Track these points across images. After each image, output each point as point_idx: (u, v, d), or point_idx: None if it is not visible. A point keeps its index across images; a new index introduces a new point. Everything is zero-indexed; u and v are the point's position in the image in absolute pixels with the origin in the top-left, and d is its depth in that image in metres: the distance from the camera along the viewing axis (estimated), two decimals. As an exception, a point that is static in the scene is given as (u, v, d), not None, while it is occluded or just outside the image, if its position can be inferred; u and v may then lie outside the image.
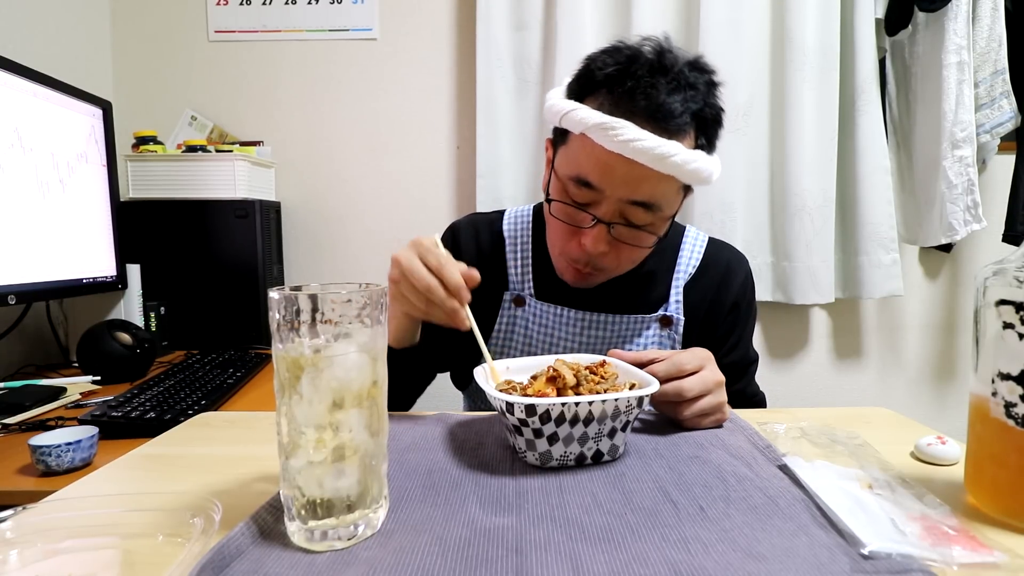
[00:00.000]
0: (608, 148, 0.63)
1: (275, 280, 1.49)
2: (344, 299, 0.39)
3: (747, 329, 0.87)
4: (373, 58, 1.61)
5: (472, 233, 0.88)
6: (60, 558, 0.37)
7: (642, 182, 0.65)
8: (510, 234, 0.86)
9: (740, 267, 0.86)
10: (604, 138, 0.63)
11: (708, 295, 0.83)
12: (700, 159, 0.64)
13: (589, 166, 0.66)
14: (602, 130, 0.62)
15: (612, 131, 0.62)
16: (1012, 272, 0.41)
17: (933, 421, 1.63)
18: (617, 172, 0.65)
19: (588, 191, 0.68)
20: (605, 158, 0.64)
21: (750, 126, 1.54)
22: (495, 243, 0.86)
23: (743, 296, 0.85)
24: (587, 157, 0.66)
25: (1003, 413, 0.41)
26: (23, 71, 1.03)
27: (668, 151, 0.62)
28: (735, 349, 0.84)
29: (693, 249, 0.84)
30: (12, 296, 0.99)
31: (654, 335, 0.81)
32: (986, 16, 1.45)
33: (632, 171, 0.64)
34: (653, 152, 0.61)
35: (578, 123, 0.65)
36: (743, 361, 0.85)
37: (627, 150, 0.62)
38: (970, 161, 1.45)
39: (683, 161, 0.63)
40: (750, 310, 0.87)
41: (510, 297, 0.83)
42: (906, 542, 0.38)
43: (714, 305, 0.83)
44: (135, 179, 1.38)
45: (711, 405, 0.61)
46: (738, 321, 0.85)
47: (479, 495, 0.46)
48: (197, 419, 0.68)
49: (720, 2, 1.47)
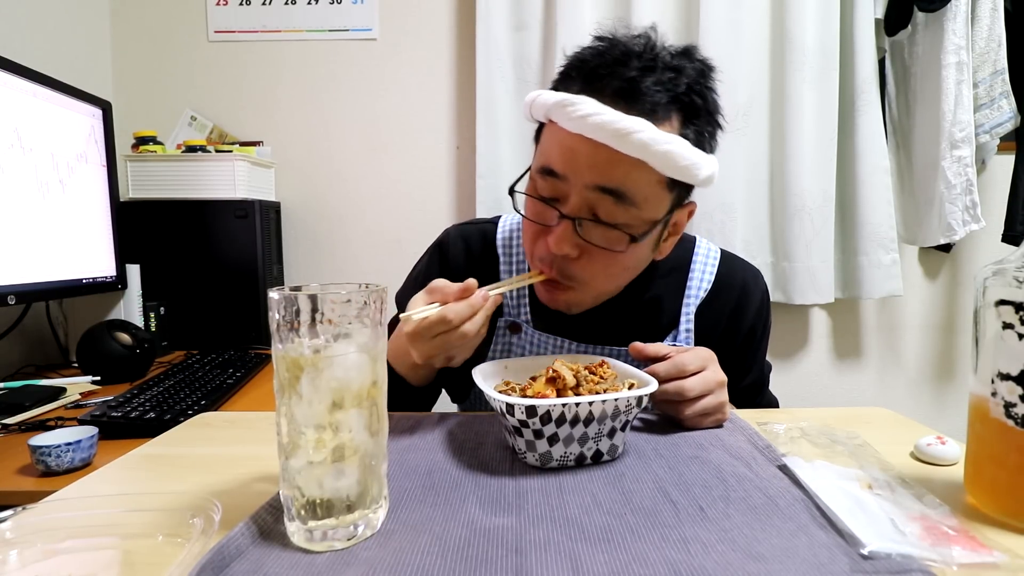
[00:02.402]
0: (569, 128, 0.57)
1: (275, 280, 1.49)
2: (344, 299, 0.39)
3: (762, 349, 0.82)
4: (373, 58, 1.62)
5: (462, 247, 0.80)
6: (60, 558, 0.37)
7: (608, 166, 0.57)
8: (505, 252, 0.78)
9: (756, 287, 0.79)
10: (562, 116, 0.57)
11: (722, 320, 0.76)
12: (675, 143, 0.56)
13: (553, 152, 0.60)
14: (560, 108, 0.57)
15: (571, 107, 0.56)
16: (1012, 272, 0.41)
17: (933, 421, 1.63)
18: (580, 154, 0.58)
19: (554, 181, 0.61)
20: (568, 141, 0.58)
21: (750, 126, 1.54)
22: (488, 258, 0.79)
23: (759, 319, 0.78)
24: (551, 143, 0.61)
25: (1003, 413, 0.41)
26: (23, 71, 1.03)
27: (630, 127, 0.54)
28: (751, 371, 0.80)
29: (705, 268, 0.76)
30: (12, 296, 0.99)
31: None
32: (985, 16, 1.45)
33: (596, 153, 0.57)
34: (613, 127, 0.55)
35: (540, 107, 0.60)
36: (759, 380, 0.82)
37: (586, 127, 0.56)
38: (969, 161, 1.45)
39: (650, 140, 0.55)
40: (766, 331, 0.81)
41: (504, 324, 0.76)
42: (906, 542, 0.38)
43: (729, 332, 0.76)
44: (135, 179, 1.38)
45: (712, 405, 0.61)
46: (753, 345, 0.79)
47: (479, 495, 0.46)
48: (197, 419, 0.68)
49: (720, 2, 1.47)
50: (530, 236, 0.66)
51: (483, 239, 0.80)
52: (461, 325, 0.56)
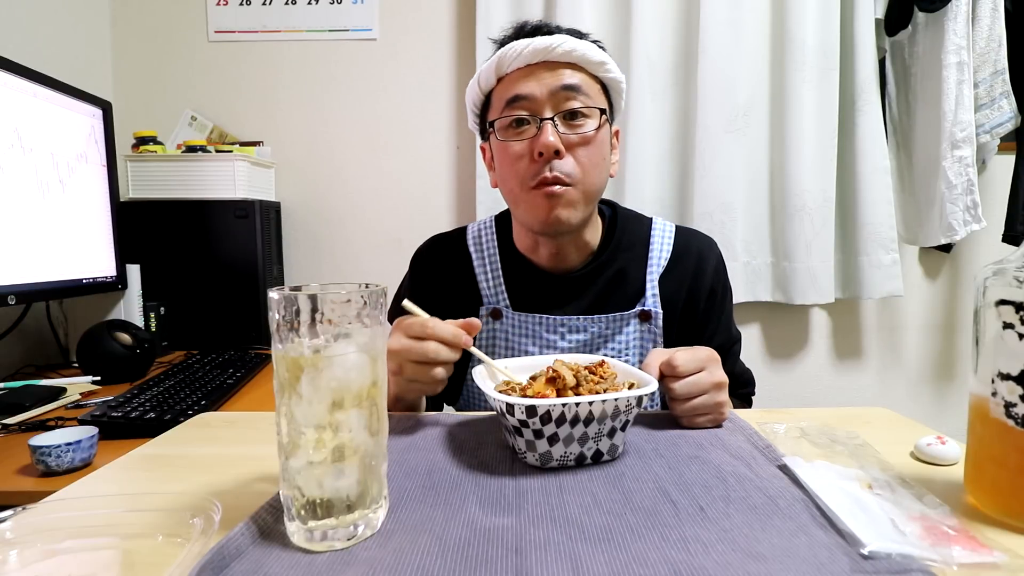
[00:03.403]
0: (518, 65, 0.74)
1: (275, 280, 1.49)
2: (344, 299, 0.39)
3: (725, 312, 0.88)
4: (373, 58, 1.62)
5: (435, 254, 0.88)
6: (60, 558, 0.37)
7: (556, 75, 0.73)
8: (476, 248, 0.86)
9: (711, 253, 0.87)
10: (506, 62, 0.74)
11: (684, 285, 0.84)
12: (586, 46, 0.74)
13: (513, 87, 0.74)
14: (502, 59, 0.74)
15: (510, 51, 0.73)
16: (1012, 272, 0.41)
17: (933, 421, 1.63)
18: (533, 76, 0.74)
19: (522, 103, 0.74)
20: (519, 75, 0.74)
21: (750, 126, 1.54)
22: (462, 259, 0.86)
23: (718, 280, 0.86)
24: (507, 87, 0.75)
25: (1003, 413, 0.41)
26: (23, 71, 1.03)
27: (556, 42, 0.72)
28: (717, 333, 0.86)
29: (663, 241, 0.85)
30: (12, 296, 0.99)
31: (634, 331, 0.81)
32: (986, 16, 1.45)
33: (544, 69, 0.73)
34: (543, 45, 0.72)
35: (485, 73, 0.77)
36: (727, 343, 0.87)
37: (526, 57, 0.73)
38: (970, 161, 1.45)
39: (573, 46, 0.73)
40: (726, 293, 0.88)
41: (486, 311, 0.83)
42: (906, 542, 0.38)
43: (691, 295, 0.84)
44: (135, 179, 1.38)
45: (706, 405, 0.61)
46: (715, 306, 0.86)
47: (479, 495, 0.46)
48: (197, 419, 0.68)
49: (720, 2, 1.47)
50: (521, 166, 0.75)
51: (453, 242, 0.88)
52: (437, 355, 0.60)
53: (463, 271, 0.85)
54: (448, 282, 0.85)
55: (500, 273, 0.83)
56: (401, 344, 0.60)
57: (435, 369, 0.61)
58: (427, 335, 0.60)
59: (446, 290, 0.85)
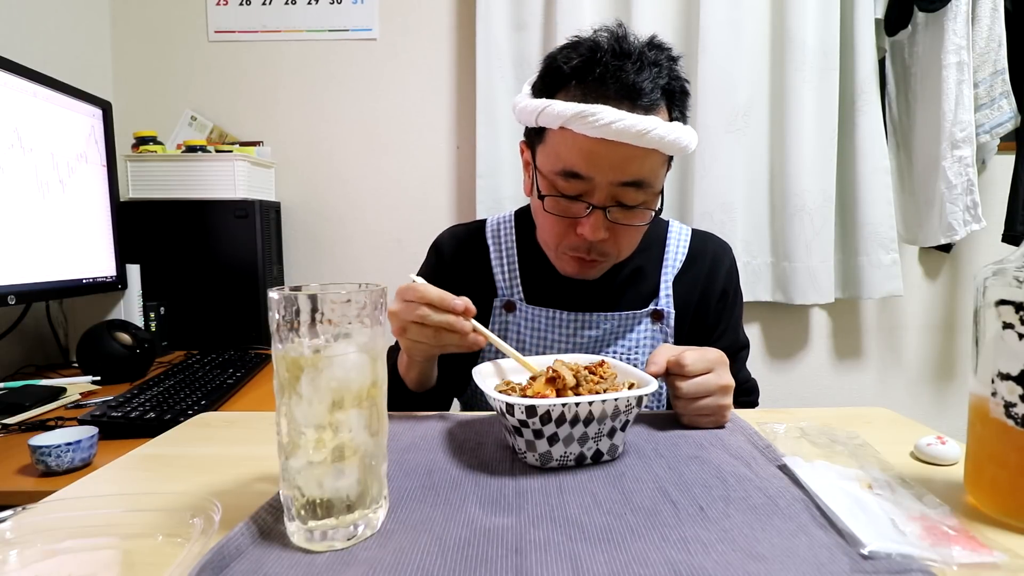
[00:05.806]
0: (590, 135, 0.64)
1: (275, 280, 1.49)
2: (344, 299, 0.39)
3: (735, 315, 0.89)
4: (373, 58, 1.62)
5: (455, 245, 0.89)
6: (60, 558, 0.37)
7: (629, 162, 0.66)
8: (494, 241, 0.86)
9: (726, 256, 0.88)
10: (584, 126, 0.64)
11: (697, 286, 0.85)
12: (678, 130, 0.66)
13: (574, 157, 0.67)
14: (581, 118, 0.64)
15: (592, 117, 0.63)
16: (1012, 272, 0.41)
17: (933, 421, 1.64)
18: (603, 157, 0.66)
19: (578, 182, 0.68)
20: (589, 146, 0.65)
21: (750, 126, 1.54)
22: (480, 252, 0.86)
23: (730, 284, 0.87)
24: (570, 149, 0.67)
25: (1003, 413, 0.41)
26: (23, 71, 1.03)
27: (648, 126, 0.63)
28: (725, 335, 0.86)
29: (679, 242, 0.86)
30: (12, 296, 0.99)
31: (646, 330, 0.82)
32: (986, 16, 1.45)
33: (617, 153, 0.65)
34: (634, 130, 0.63)
35: (556, 117, 0.66)
36: (734, 347, 0.86)
37: (609, 132, 0.63)
38: (970, 161, 1.45)
39: (664, 133, 0.64)
40: (737, 297, 0.89)
41: (500, 303, 0.83)
42: (906, 542, 0.38)
43: (704, 296, 0.85)
44: (135, 179, 1.38)
45: (711, 407, 0.61)
46: (727, 309, 0.87)
47: (479, 495, 0.46)
48: (197, 419, 0.68)
49: (720, 2, 1.47)
50: (557, 231, 0.74)
51: (473, 234, 0.89)
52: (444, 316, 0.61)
53: (480, 262, 0.86)
54: (465, 272, 0.85)
55: (516, 266, 0.84)
56: (410, 310, 0.61)
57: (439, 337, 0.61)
58: (415, 298, 0.61)
59: (462, 280, 0.85)
